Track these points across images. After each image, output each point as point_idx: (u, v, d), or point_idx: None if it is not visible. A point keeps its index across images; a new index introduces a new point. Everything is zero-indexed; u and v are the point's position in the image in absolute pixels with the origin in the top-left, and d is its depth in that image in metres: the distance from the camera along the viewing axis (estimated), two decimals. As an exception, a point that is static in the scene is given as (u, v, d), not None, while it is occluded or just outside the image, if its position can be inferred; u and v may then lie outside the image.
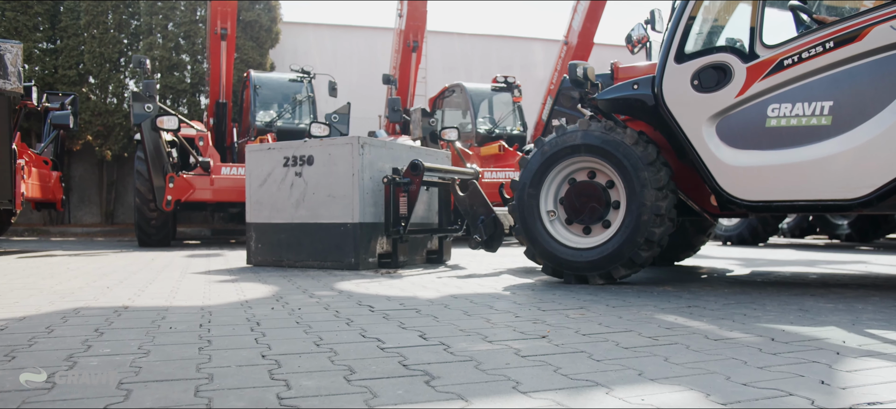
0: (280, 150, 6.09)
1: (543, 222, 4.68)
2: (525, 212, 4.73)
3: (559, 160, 4.65)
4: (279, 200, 6.07)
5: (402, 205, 5.74)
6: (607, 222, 4.53)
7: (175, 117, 9.36)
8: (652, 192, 4.24)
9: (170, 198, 9.37)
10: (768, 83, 4.04)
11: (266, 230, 6.17)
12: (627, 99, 4.59)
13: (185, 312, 3.15)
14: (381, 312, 3.14)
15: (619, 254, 4.32)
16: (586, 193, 4.57)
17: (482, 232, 5.54)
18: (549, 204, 4.73)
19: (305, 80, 12.51)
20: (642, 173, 4.27)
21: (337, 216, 5.72)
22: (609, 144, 4.41)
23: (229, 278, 4.97)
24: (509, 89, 13.48)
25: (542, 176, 4.70)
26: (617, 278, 4.39)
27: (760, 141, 4.06)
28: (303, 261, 5.92)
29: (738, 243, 10.95)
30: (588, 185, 4.58)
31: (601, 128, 4.49)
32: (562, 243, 4.60)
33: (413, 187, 5.71)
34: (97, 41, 15.37)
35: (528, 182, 4.73)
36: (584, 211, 4.57)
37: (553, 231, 4.67)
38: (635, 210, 4.27)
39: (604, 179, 4.58)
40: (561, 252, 4.55)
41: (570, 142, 4.58)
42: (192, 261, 6.88)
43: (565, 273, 4.54)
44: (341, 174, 5.70)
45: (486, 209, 5.56)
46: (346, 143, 5.71)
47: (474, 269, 5.73)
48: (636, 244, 4.26)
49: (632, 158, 4.31)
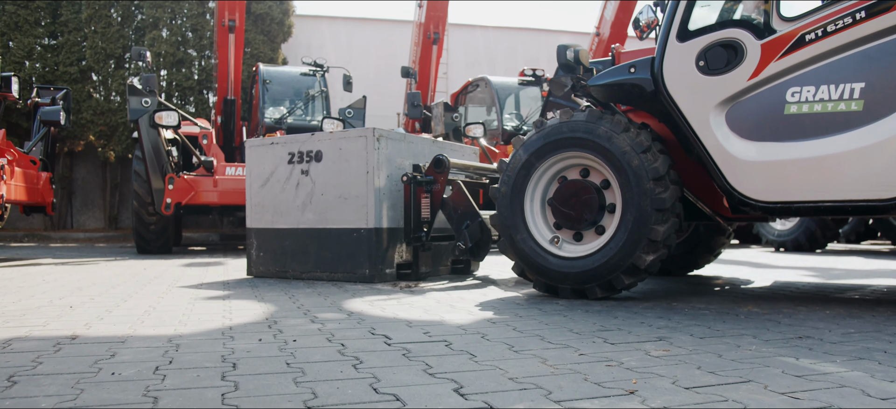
0: (284, 145, 5.44)
1: (530, 231, 4.06)
2: (508, 222, 4.11)
3: (543, 158, 4.03)
4: (283, 202, 5.42)
5: (425, 208, 5.05)
6: (601, 227, 3.92)
7: (175, 113, 8.76)
8: (649, 183, 3.64)
9: (169, 201, 8.77)
10: (787, 63, 3.45)
11: (268, 237, 5.52)
12: (624, 85, 3.93)
13: (146, 345, 2.49)
14: (400, 346, 2.46)
15: (619, 260, 3.70)
16: (577, 195, 3.94)
17: (467, 239, 4.84)
18: (536, 210, 4.11)
19: (318, 73, 11.92)
20: (634, 163, 3.68)
21: (349, 221, 5.06)
22: (595, 134, 3.79)
23: (221, 293, 4.32)
24: (538, 83, 12.67)
25: (526, 178, 4.09)
26: (619, 288, 3.77)
27: (778, 131, 3.48)
28: (310, 272, 5.26)
29: (793, 250, 10.12)
30: (578, 185, 3.95)
31: (586, 117, 3.87)
32: (553, 253, 3.97)
33: (437, 187, 5.02)
34: (100, 36, 14.89)
35: (510, 187, 4.09)
36: (576, 215, 3.93)
37: (542, 241, 4.04)
38: (632, 207, 3.68)
39: (598, 177, 3.96)
40: (553, 264, 3.94)
41: (553, 136, 3.97)
42: (186, 271, 6.26)
43: (560, 288, 3.92)
44: (354, 172, 5.03)
45: (471, 213, 4.87)
46: (359, 136, 5.04)
47: (507, 280, 5.04)
48: (637, 246, 3.65)
49: (621, 148, 3.71)
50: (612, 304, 3.70)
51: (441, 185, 4.99)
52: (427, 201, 5.05)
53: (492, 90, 12.67)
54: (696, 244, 5.38)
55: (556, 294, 3.96)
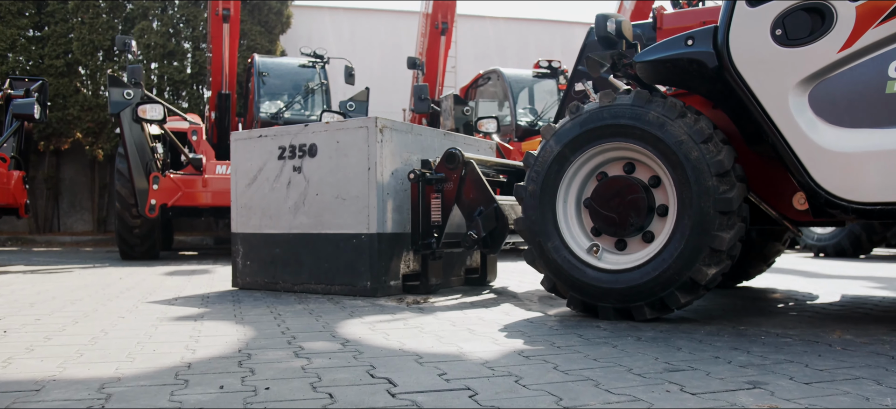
0: (274, 137, 4.86)
1: (564, 238, 3.45)
2: (536, 227, 3.49)
3: (580, 150, 3.43)
4: (273, 203, 4.84)
5: (435, 210, 4.46)
6: (650, 234, 3.32)
7: (161, 106, 8.23)
8: (711, 179, 3.04)
9: (154, 202, 8.23)
10: (890, 29, 2.82)
11: (256, 243, 4.94)
12: (679, 61, 3.29)
13: (65, 397, 1.91)
14: (408, 398, 1.87)
15: (674, 273, 3.10)
16: (620, 194, 3.33)
17: (480, 227, 4.25)
18: (571, 212, 3.50)
19: (318, 65, 11.36)
20: (693, 155, 3.08)
21: (348, 225, 4.47)
22: (644, 120, 3.20)
23: (195, 311, 3.74)
24: (554, 75, 12.19)
25: (558, 175, 3.48)
26: (673, 307, 3.18)
27: (878, 115, 2.86)
28: (303, 283, 4.68)
29: (835, 255, 9.49)
30: (622, 183, 3.35)
31: (632, 99, 3.27)
32: (592, 265, 3.36)
33: (449, 186, 4.43)
34: (87, 27, 14.36)
35: (539, 185, 3.48)
36: (619, 219, 3.32)
37: (578, 249, 3.44)
38: (690, 208, 3.09)
39: (646, 173, 3.36)
40: (592, 278, 3.33)
41: (592, 124, 3.36)
42: (166, 281, 5.69)
43: (601, 307, 3.32)
44: (353, 169, 4.45)
45: (486, 198, 4.27)
46: (359, 126, 4.45)
47: (530, 294, 4.44)
48: (697, 256, 3.06)
49: (677, 137, 3.12)
50: (665, 327, 3.10)
51: (454, 183, 4.41)
52: (438, 202, 4.46)
53: (505, 83, 12.09)
54: (748, 252, 4.77)
55: (594, 314, 3.37)
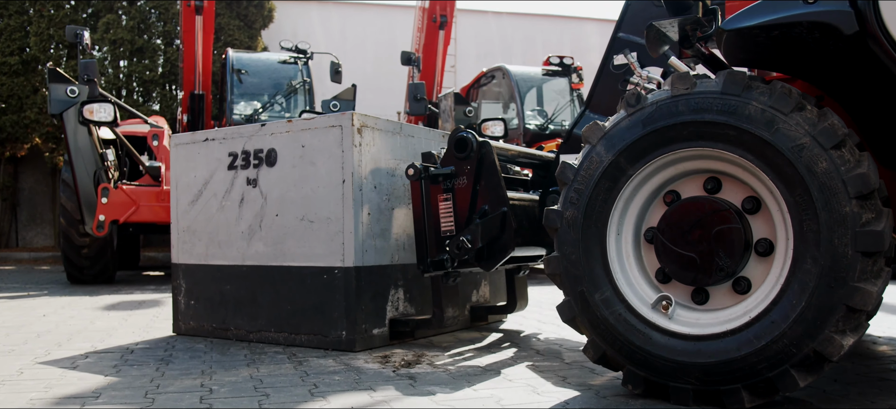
0: (223, 141, 3.89)
1: (618, 286, 2.47)
2: (577, 271, 2.52)
3: (642, 160, 2.45)
4: (222, 226, 3.87)
5: (445, 215, 3.37)
6: (744, 281, 2.36)
7: (111, 105, 7.25)
8: (850, 204, 2.09)
9: (103, 218, 7.23)
10: None
11: (202, 277, 3.98)
12: (793, 26, 2.27)
13: None
14: None
15: (790, 343, 2.15)
16: (702, 224, 2.35)
17: (478, 235, 3.21)
18: (627, 249, 2.53)
19: (300, 61, 10.41)
20: (820, 166, 2.13)
21: (316, 255, 3.50)
22: (742, 114, 2.24)
23: (95, 383, 2.77)
24: (566, 73, 11.31)
25: (609, 195, 2.50)
26: (786, 391, 2.20)
27: None
28: (261, 331, 3.71)
29: None
30: (704, 207, 2.38)
31: (723, 84, 2.29)
32: (660, 326, 2.39)
33: (462, 182, 3.37)
34: (46, 20, 13.38)
35: (581, 210, 2.51)
36: (701, 259, 2.34)
37: (638, 303, 2.47)
38: (818, 246, 2.13)
39: (739, 193, 2.41)
40: (661, 346, 2.36)
41: (662, 120, 2.38)
42: (97, 320, 4.72)
43: (674, 388, 2.34)
44: (323, 181, 3.48)
45: (494, 198, 3.25)
46: (330, 125, 3.48)
47: (560, 343, 3.47)
48: (827, 319, 2.11)
49: (794, 139, 2.16)
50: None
51: (469, 178, 3.36)
52: (449, 205, 3.37)
53: (511, 82, 11.18)
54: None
55: (664, 397, 2.39)
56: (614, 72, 3.99)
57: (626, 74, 3.84)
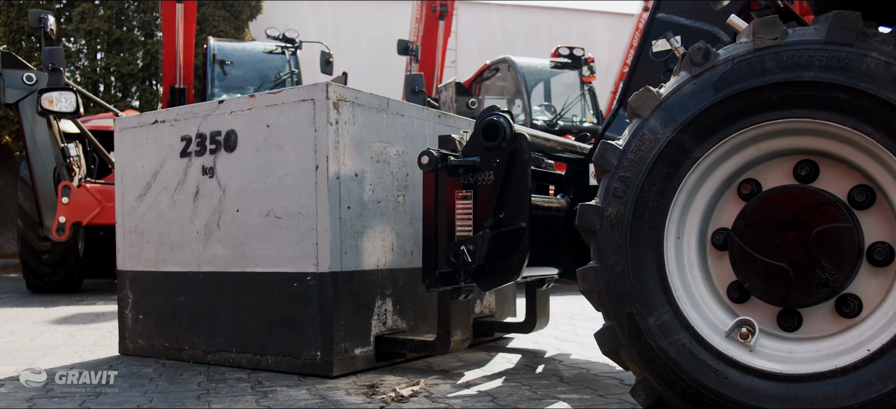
0: (174, 123, 3.31)
1: (680, 307, 1.89)
2: (623, 287, 1.94)
3: (710, 139, 1.87)
4: (174, 224, 3.29)
5: (461, 216, 2.73)
6: (854, 301, 1.79)
7: (72, 94, 6.71)
8: None
9: (63, 220, 6.67)
10: None
11: (151, 287, 3.40)
12: None
13: None
14: None
15: None
16: (795, 224, 1.78)
17: (481, 249, 2.56)
18: (690, 257, 1.95)
19: (288, 51, 9.91)
20: None
21: (285, 259, 2.92)
22: (855, 70, 1.68)
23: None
24: (576, 65, 10.87)
25: (665, 186, 1.91)
26: None
27: None
28: (219, 351, 3.13)
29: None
30: (797, 199, 1.81)
31: (826, 32, 1.74)
32: (738, 362, 1.83)
33: (487, 178, 2.71)
34: (15, 10, 12.87)
35: (630, 207, 1.92)
36: (795, 271, 1.78)
37: (707, 330, 1.89)
38: None
39: (845, 182, 1.84)
40: (740, 388, 1.80)
41: (741, 84, 1.81)
42: (40, 337, 4.16)
43: None
44: (292, 168, 2.90)
45: (514, 206, 2.62)
46: (300, 99, 2.89)
47: (588, 366, 2.89)
48: None
49: None
50: None
51: (496, 173, 2.72)
52: (468, 205, 2.72)
53: (517, 75, 10.75)
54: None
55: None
56: (654, 59, 3.37)
57: (669, 61, 3.21)
